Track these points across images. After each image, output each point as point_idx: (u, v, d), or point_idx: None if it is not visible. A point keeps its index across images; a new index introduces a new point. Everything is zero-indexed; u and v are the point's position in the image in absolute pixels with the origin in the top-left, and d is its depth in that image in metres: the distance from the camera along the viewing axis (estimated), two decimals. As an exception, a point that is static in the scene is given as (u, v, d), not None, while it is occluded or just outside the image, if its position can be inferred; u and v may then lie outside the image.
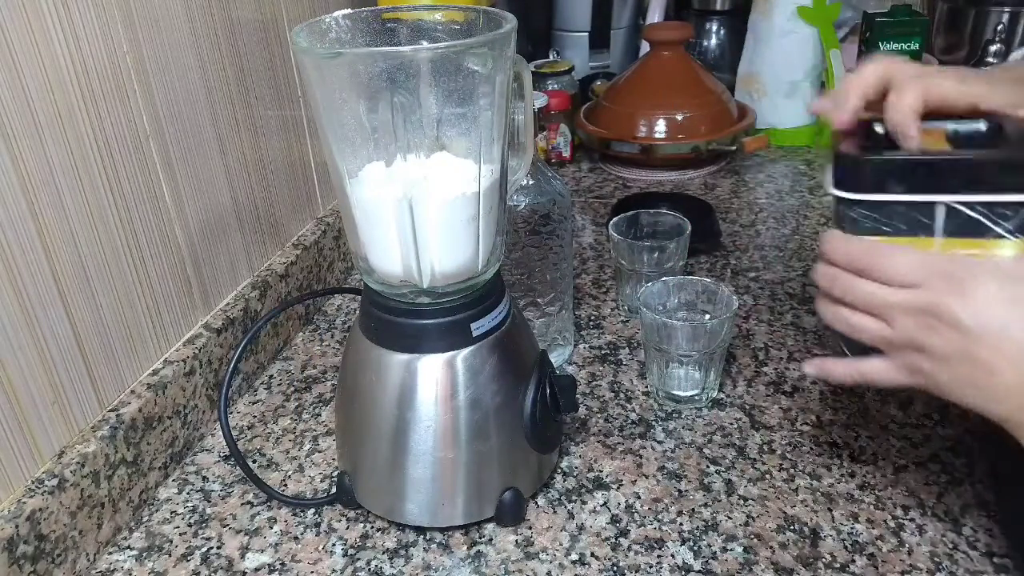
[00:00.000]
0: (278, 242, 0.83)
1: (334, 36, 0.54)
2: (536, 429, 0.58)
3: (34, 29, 0.51)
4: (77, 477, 0.54)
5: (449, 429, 0.55)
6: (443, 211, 0.52)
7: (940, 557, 0.55)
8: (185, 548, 0.58)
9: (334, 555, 0.57)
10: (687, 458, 0.64)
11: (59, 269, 0.54)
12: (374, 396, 0.56)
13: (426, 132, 0.51)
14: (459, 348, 0.55)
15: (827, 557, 0.55)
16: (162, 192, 0.64)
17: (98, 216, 0.58)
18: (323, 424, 0.70)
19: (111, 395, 0.60)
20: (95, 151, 0.57)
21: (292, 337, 0.83)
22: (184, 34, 0.66)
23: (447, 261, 0.54)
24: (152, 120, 0.63)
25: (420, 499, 0.57)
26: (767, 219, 1.04)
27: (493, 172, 0.54)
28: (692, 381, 0.69)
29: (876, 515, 0.58)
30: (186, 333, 0.69)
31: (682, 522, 0.58)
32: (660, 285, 0.73)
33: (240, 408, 0.73)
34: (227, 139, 0.73)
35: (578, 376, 0.75)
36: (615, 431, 0.68)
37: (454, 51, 0.49)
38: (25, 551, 0.50)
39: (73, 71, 0.54)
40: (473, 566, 0.56)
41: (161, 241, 0.65)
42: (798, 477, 0.62)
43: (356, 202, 0.54)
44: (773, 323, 0.81)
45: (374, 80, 0.48)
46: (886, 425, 0.67)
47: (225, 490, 0.63)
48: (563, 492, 0.61)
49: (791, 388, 0.72)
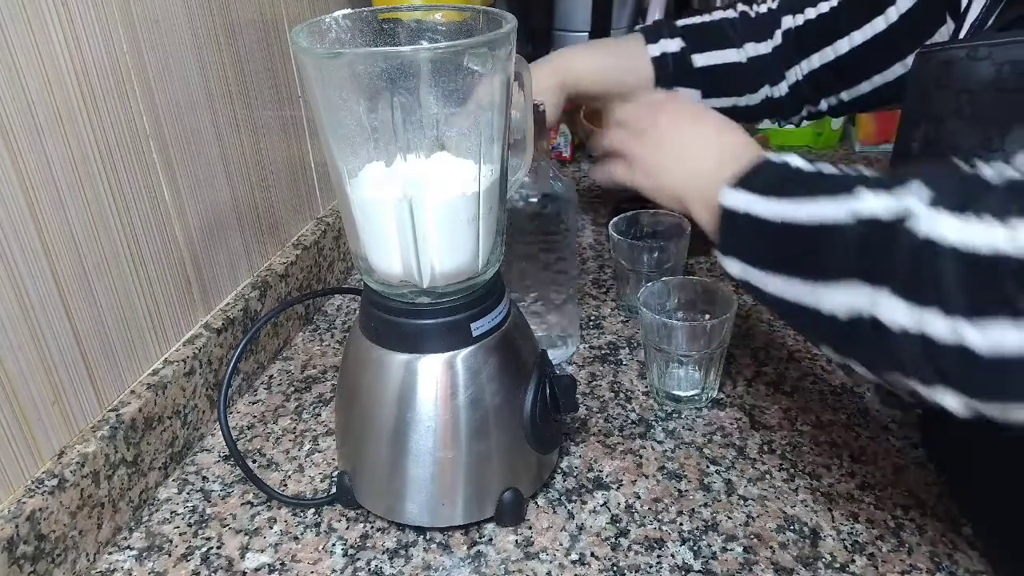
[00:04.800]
0: (278, 242, 0.83)
1: (334, 36, 0.54)
2: (536, 429, 0.58)
3: (34, 29, 0.51)
4: (77, 477, 0.54)
5: (449, 429, 0.55)
6: (443, 211, 0.52)
7: (940, 557, 0.55)
8: (185, 548, 0.58)
9: (334, 555, 0.57)
10: (687, 458, 0.64)
11: (59, 269, 0.54)
12: (374, 396, 0.56)
13: (426, 132, 0.51)
14: (459, 348, 0.55)
15: (827, 557, 0.55)
16: (162, 192, 0.64)
17: (98, 216, 0.58)
18: (323, 424, 0.70)
19: (111, 395, 0.60)
20: (95, 151, 0.57)
21: (292, 337, 0.83)
22: (184, 34, 0.66)
23: (447, 261, 0.54)
24: (152, 120, 0.63)
25: (420, 499, 0.57)
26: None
27: (493, 172, 0.54)
28: (692, 381, 0.69)
29: (876, 515, 0.58)
30: (186, 333, 0.69)
31: (682, 522, 0.58)
32: (660, 285, 0.73)
33: (240, 408, 0.73)
34: (227, 139, 0.73)
35: (578, 376, 0.75)
36: (615, 431, 0.68)
37: (454, 51, 0.49)
38: (25, 551, 0.50)
39: (73, 71, 0.54)
40: (473, 566, 0.56)
41: (161, 241, 0.65)
42: (798, 477, 0.62)
43: (356, 202, 0.54)
44: (773, 323, 0.81)
45: (374, 80, 0.48)
46: (886, 425, 0.67)
47: (225, 490, 0.63)
48: (563, 492, 0.61)
49: (791, 388, 0.72)
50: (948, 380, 0.39)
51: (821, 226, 0.44)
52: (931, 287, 0.39)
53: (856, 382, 0.72)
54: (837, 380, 0.73)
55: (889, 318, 0.40)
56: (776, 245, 0.48)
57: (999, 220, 0.37)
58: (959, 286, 0.38)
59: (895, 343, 0.41)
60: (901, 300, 0.40)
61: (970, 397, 0.39)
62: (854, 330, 0.43)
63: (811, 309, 0.45)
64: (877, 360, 0.43)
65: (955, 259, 0.38)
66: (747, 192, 0.50)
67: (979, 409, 0.39)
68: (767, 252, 0.49)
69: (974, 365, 0.38)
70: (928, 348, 0.39)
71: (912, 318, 0.39)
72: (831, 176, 0.47)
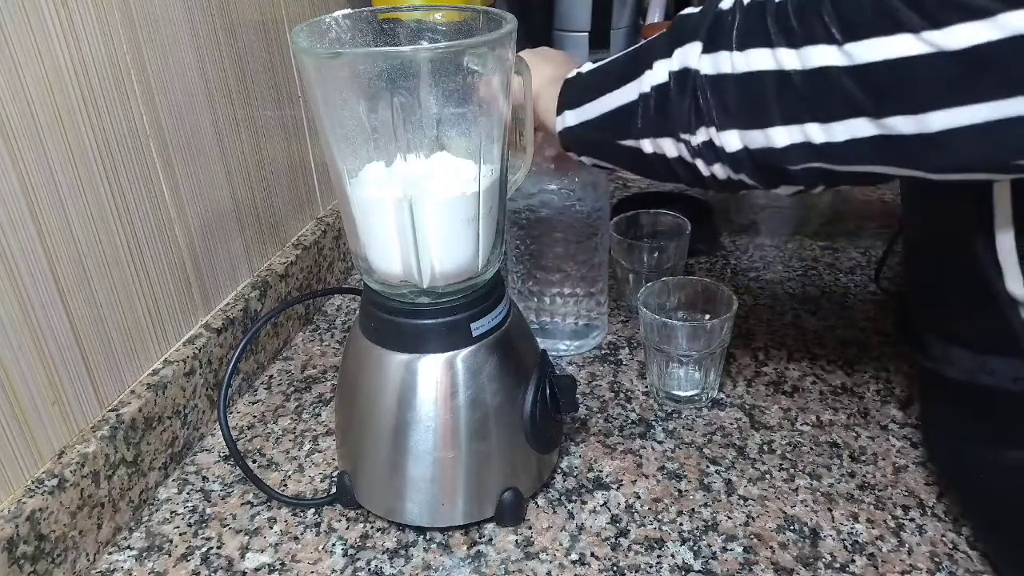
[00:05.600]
0: (278, 242, 0.83)
1: (334, 36, 0.54)
2: (536, 429, 0.58)
3: (34, 29, 0.51)
4: (77, 477, 0.54)
5: (449, 429, 0.55)
6: (443, 211, 0.52)
7: (940, 557, 0.55)
8: (185, 548, 0.58)
9: (334, 555, 0.57)
10: (687, 458, 0.64)
11: (59, 269, 0.54)
12: (374, 396, 0.56)
13: (426, 132, 0.51)
14: (459, 348, 0.55)
15: (827, 557, 0.55)
16: (162, 192, 0.64)
17: (98, 216, 0.58)
18: (323, 424, 0.70)
19: (111, 395, 0.60)
20: (95, 151, 0.57)
21: (292, 337, 0.83)
22: (184, 34, 0.66)
23: (447, 261, 0.54)
24: (152, 120, 0.63)
25: (420, 499, 0.57)
26: (767, 219, 1.04)
27: (493, 172, 0.54)
28: (692, 381, 0.69)
29: (876, 515, 0.58)
30: (186, 333, 0.69)
31: (682, 522, 0.58)
32: (660, 285, 0.73)
33: (240, 408, 0.73)
34: (227, 139, 0.73)
35: (578, 376, 0.75)
36: (615, 431, 0.68)
37: (454, 51, 0.49)
38: (25, 551, 0.50)
39: (73, 71, 0.54)
40: (473, 566, 0.56)
41: (161, 241, 0.65)
42: (798, 477, 0.62)
43: (356, 202, 0.54)
44: (773, 323, 0.81)
45: (374, 80, 0.48)
46: (886, 425, 0.67)
47: (225, 490, 0.63)
48: (563, 492, 0.61)
49: (791, 388, 0.72)
50: (725, 110, 0.47)
51: (648, 42, 0.53)
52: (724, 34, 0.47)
53: (856, 382, 0.72)
54: (837, 380, 0.73)
55: (694, 66, 0.49)
56: (604, 76, 0.57)
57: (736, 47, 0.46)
58: (739, 29, 0.46)
59: (694, 85, 0.49)
60: (700, 48, 0.48)
61: (740, 129, 0.47)
62: (666, 94, 0.51)
63: (631, 104, 0.53)
64: (682, 117, 0.50)
65: (742, 9, 0.46)
66: (570, 110, 0.59)
67: (747, 144, 0.47)
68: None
69: (735, 87, 0.46)
70: (717, 83, 0.48)
71: (710, 62, 0.48)
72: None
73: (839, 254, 0.95)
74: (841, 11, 0.41)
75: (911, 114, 0.40)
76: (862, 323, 0.81)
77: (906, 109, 0.40)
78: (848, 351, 0.77)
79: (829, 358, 0.76)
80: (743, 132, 0.47)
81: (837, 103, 0.42)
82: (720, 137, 0.48)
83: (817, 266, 0.92)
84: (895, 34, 0.39)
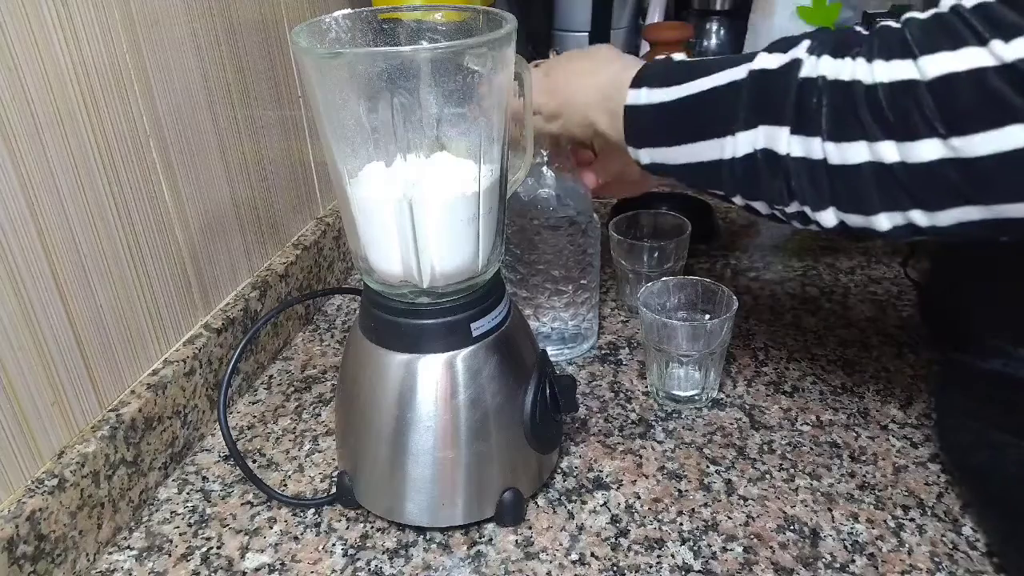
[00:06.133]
0: (278, 242, 0.83)
1: (334, 36, 0.54)
2: (536, 429, 0.58)
3: (34, 29, 0.51)
4: (77, 477, 0.54)
5: (449, 429, 0.55)
6: (443, 211, 0.52)
7: (940, 557, 0.55)
8: (185, 548, 0.58)
9: (334, 555, 0.57)
10: (687, 458, 0.64)
11: (59, 269, 0.54)
12: (374, 396, 0.56)
13: (426, 132, 0.51)
14: (459, 348, 0.55)
15: (827, 557, 0.55)
16: (162, 192, 0.64)
17: (98, 216, 0.58)
18: (323, 424, 0.70)
19: (111, 395, 0.60)
20: (95, 151, 0.57)
21: (292, 337, 0.83)
22: (184, 34, 0.66)
23: (447, 261, 0.54)
24: (152, 120, 0.63)
25: (420, 499, 0.57)
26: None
27: (493, 172, 0.54)
28: (692, 381, 0.69)
29: (876, 515, 0.58)
30: (186, 333, 0.69)
31: (682, 522, 0.58)
32: (660, 285, 0.73)
33: (240, 408, 0.73)
34: (227, 139, 0.73)
35: (578, 376, 0.75)
36: (615, 431, 0.68)
37: (454, 51, 0.49)
38: (25, 551, 0.50)
39: (73, 71, 0.54)
40: (473, 566, 0.56)
41: (161, 241, 0.65)
42: (798, 477, 0.62)
43: (356, 202, 0.54)
44: (773, 323, 0.81)
45: (374, 80, 0.48)
46: (886, 425, 0.67)
47: (225, 490, 0.63)
48: (563, 492, 0.61)
49: (791, 388, 0.72)
50: (820, 195, 0.47)
51: (725, 85, 0.51)
52: (811, 117, 0.46)
53: (856, 382, 0.72)
54: (837, 380, 0.73)
55: (783, 149, 0.47)
56: (680, 118, 0.54)
57: (864, 59, 0.44)
58: (828, 115, 0.45)
59: (785, 168, 0.48)
60: (788, 130, 0.47)
61: (837, 209, 0.47)
62: (754, 166, 0.49)
63: (715, 162, 0.52)
64: (773, 192, 0.49)
65: (827, 90, 0.45)
66: (646, 88, 0.56)
67: (845, 221, 0.47)
68: (672, 128, 0.55)
69: (831, 177, 0.46)
70: (810, 169, 0.47)
71: (800, 146, 0.47)
72: (724, 58, 0.53)
73: (839, 254, 0.95)
74: (941, 102, 0.40)
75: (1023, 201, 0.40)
76: (862, 323, 0.81)
77: (1018, 197, 0.40)
78: (848, 351, 0.77)
79: (829, 358, 0.76)
80: (842, 214, 0.47)
81: (942, 194, 0.42)
82: (816, 215, 0.48)
83: (817, 266, 0.92)
84: (1006, 126, 0.38)
